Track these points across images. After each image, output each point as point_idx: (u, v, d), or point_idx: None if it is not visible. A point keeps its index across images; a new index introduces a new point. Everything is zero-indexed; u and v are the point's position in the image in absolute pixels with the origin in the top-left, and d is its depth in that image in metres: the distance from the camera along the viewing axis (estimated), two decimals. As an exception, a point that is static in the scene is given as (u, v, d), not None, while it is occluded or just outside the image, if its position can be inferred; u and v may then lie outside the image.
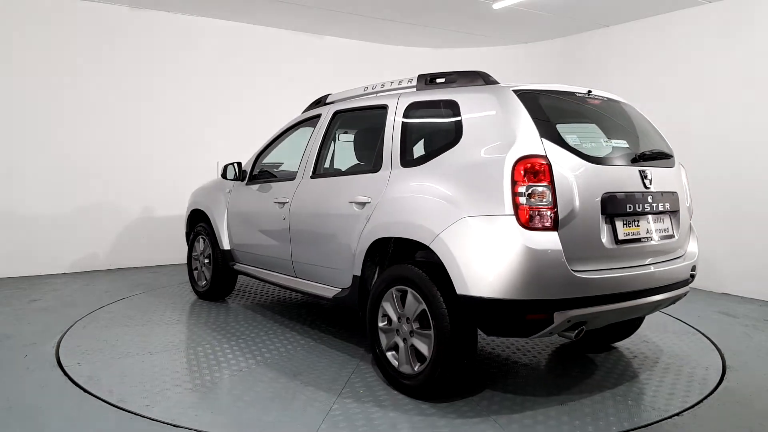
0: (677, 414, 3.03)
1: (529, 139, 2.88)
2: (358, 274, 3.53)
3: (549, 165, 2.82)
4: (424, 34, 7.66)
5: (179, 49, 7.10)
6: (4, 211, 6.23)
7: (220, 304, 5.25)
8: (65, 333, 4.30)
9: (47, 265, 6.47)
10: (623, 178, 3.12)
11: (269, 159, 4.88)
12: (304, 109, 4.74)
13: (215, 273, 5.14)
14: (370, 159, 3.86)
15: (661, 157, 3.40)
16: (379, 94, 3.94)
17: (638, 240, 3.14)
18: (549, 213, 2.79)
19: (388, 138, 3.56)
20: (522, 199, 2.77)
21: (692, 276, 3.52)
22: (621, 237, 3.05)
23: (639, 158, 3.23)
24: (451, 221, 2.93)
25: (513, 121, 2.95)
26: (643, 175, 3.20)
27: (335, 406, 3.07)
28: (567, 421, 2.92)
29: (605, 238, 2.98)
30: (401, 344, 3.23)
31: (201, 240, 5.34)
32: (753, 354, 4.04)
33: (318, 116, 4.31)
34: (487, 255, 2.80)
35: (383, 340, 3.34)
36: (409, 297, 3.16)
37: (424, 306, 3.06)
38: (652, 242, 3.22)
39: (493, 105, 3.08)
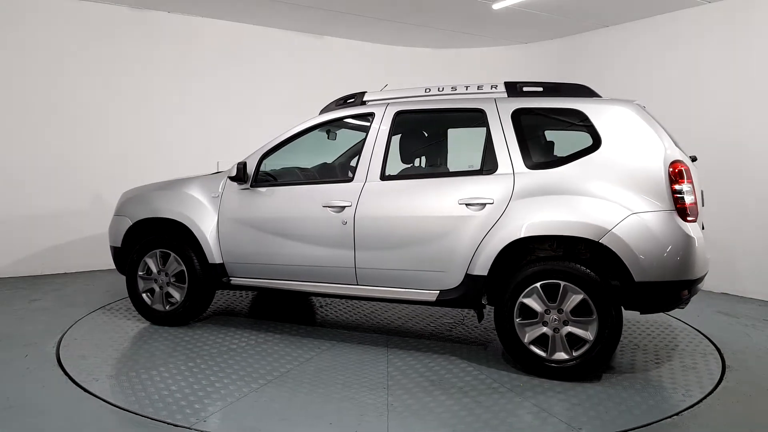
0: (677, 414, 3.04)
1: (670, 146, 3.44)
2: (484, 274, 3.57)
3: (689, 166, 3.42)
4: (424, 34, 7.66)
5: (179, 49, 7.09)
6: (4, 211, 6.23)
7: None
8: (65, 333, 4.30)
9: (47, 265, 6.48)
10: (699, 176, 3.75)
11: (280, 160, 4.53)
12: (322, 109, 4.54)
13: (193, 293, 4.41)
14: (441, 160, 4.35)
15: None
16: (461, 97, 4.00)
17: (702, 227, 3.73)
18: (694, 207, 3.40)
19: (499, 140, 3.71)
20: (679, 197, 3.33)
21: None
22: (704, 224, 3.71)
23: (694, 159, 3.82)
24: (621, 217, 3.33)
25: (652, 131, 3.47)
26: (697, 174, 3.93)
27: (532, 401, 3.18)
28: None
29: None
30: (551, 334, 3.47)
31: (160, 256, 4.52)
32: (753, 354, 4.04)
33: (368, 115, 4.17)
34: (660, 245, 3.30)
35: (523, 334, 3.53)
36: (563, 289, 3.43)
37: (582, 295, 3.38)
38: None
39: (629, 116, 3.54)
